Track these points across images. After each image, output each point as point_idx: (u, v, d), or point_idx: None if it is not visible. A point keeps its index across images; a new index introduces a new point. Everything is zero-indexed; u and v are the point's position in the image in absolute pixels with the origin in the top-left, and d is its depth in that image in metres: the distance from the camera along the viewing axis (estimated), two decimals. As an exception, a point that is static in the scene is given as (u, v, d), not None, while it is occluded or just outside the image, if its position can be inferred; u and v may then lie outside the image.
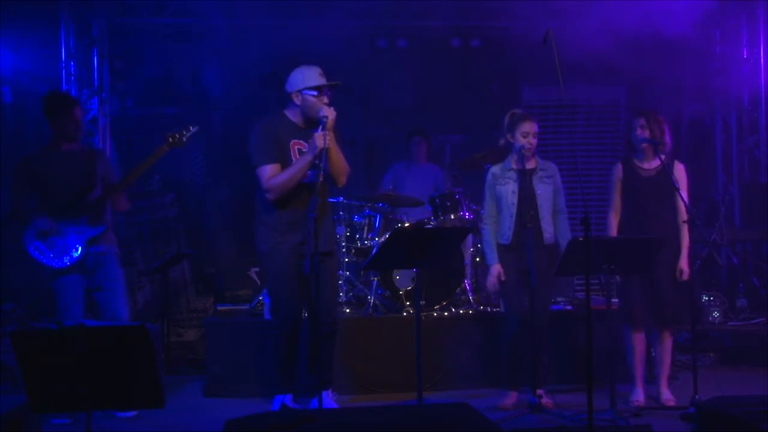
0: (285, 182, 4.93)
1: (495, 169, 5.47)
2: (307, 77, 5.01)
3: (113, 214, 5.57)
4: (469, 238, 6.70)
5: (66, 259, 5.22)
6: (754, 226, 7.80)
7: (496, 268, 5.36)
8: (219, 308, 6.65)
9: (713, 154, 8.61)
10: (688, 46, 7.72)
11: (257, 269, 7.19)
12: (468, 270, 6.71)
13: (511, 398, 5.39)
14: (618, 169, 5.45)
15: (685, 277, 5.28)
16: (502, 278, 5.34)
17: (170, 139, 5.31)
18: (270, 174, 4.96)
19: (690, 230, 5.21)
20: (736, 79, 8.34)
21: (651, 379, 5.61)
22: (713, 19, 7.87)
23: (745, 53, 8.28)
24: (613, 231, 5.42)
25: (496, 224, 5.41)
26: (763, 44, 8.05)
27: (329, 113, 4.88)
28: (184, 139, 5.34)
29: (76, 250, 5.22)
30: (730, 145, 8.51)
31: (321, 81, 5.00)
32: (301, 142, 5.02)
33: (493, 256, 5.39)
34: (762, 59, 8.06)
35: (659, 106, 7.90)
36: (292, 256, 4.98)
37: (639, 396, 5.34)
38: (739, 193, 8.30)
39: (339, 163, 5.01)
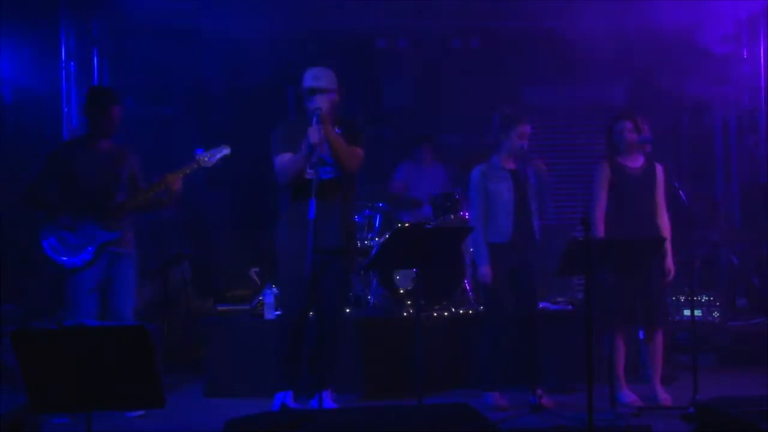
0: (285, 167, 5.00)
1: (482, 167, 5.40)
2: (304, 79, 5.03)
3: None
4: (469, 238, 6.69)
5: (78, 260, 5.20)
6: (754, 226, 7.80)
7: (486, 269, 5.31)
8: (219, 308, 6.64)
9: (713, 154, 8.61)
10: (687, 46, 7.72)
11: (257, 269, 7.19)
12: (468, 270, 6.70)
13: (494, 398, 5.34)
14: (605, 169, 5.37)
15: (672, 276, 5.28)
16: (488, 280, 5.30)
17: (203, 158, 5.31)
18: (279, 160, 5.04)
19: (690, 228, 5.21)
20: (736, 79, 8.34)
21: (634, 380, 5.58)
22: (713, 20, 7.87)
23: (745, 53, 8.29)
24: (601, 231, 5.31)
25: (487, 224, 5.34)
26: (763, 44, 8.06)
27: (322, 103, 4.87)
28: (214, 159, 5.33)
29: (89, 251, 5.20)
30: (730, 145, 8.52)
31: (309, 83, 5.00)
32: None
33: (483, 257, 5.33)
34: (762, 59, 8.07)
35: (659, 106, 7.90)
36: (298, 253, 4.97)
37: (631, 397, 5.30)
38: (739, 193, 8.30)
39: (340, 150, 4.98)
